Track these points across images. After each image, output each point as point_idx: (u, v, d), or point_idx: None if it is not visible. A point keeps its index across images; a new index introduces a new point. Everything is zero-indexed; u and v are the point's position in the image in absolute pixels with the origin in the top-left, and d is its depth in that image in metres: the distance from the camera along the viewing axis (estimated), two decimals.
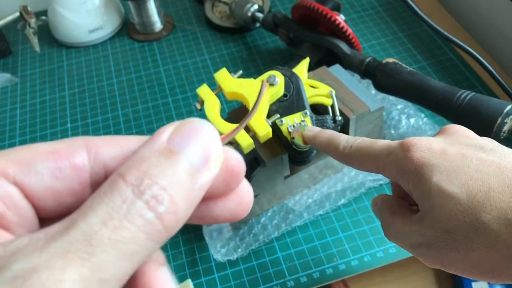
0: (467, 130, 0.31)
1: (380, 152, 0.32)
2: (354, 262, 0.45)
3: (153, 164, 0.15)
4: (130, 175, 0.15)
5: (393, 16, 0.70)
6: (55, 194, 0.16)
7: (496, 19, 0.65)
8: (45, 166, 0.16)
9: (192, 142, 0.16)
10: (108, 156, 0.17)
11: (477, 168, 0.27)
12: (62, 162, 0.16)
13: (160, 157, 0.15)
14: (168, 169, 0.15)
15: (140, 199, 0.14)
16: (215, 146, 0.16)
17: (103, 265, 0.13)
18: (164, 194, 0.15)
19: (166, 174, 0.15)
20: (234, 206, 0.18)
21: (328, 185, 0.49)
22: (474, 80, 0.60)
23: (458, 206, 0.27)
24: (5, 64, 0.71)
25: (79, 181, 0.16)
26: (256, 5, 0.67)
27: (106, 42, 0.72)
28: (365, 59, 0.54)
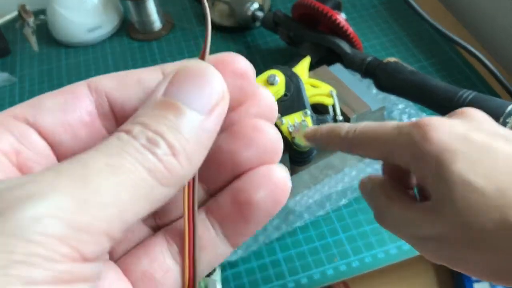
0: (486, 117, 0.28)
1: (389, 133, 0.28)
2: (355, 263, 0.45)
3: (148, 115, 0.15)
4: (124, 126, 0.15)
5: (394, 15, 0.70)
6: (67, 127, 0.16)
7: (497, 18, 0.65)
8: (52, 102, 0.16)
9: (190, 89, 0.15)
10: (108, 87, 0.17)
11: (507, 162, 0.25)
12: (67, 96, 0.17)
13: (155, 110, 0.15)
14: (163, 117, 0.15)
15: (137, 140, 0.14)
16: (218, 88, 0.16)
17: (102, 190, 0.13)
18: (158, 138, 0.14)
19: (160, 122, 0.15)
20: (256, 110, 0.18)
21: (328, 185, 0.49)
22: (476, 80, 0.59)
23: (484, 200, 0.24)
24: (4, 63, 0.71)
25: (87, 111, 0.17)
26: (256, 4, 0.67)
27: (105, 41, 0.72)
28: (366, 58, 0.54)
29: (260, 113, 0.18)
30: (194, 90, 0.15)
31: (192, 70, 0.16)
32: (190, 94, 0.15)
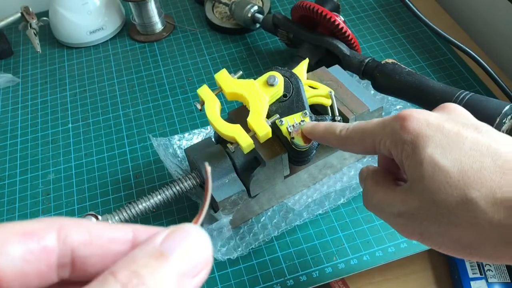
0: (464, 110, 0.31)
1: (376, 126, 0.32)
2: (354, 261, 0.45)
3: (142, 265, 0.16)
4: (121, 274, 0.15)
5: (392, 17, 0.70)
6: (23, 276, 0.16)
7: (494, 20, 0.65)
8: (17, 248, 0.16)
9: (182, 247, 0.17)
10: (77, 240, 0.17)
11: (472, 146, 0.28)
12: (33, 244, 0.16)
13: (150, 258, 0.16)
14: (156, 270, 0.16)
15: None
16: (204, 254, 0.17)
17: None
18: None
19: (153, 275, 0.16)
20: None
21: (327, 184, 0.50)
22: (473, 81, 0.60)
23: (448, 180, 0.27)
24: (7, 64, 0.72)
25: (47, 264, 0.17)
26: (256, 6, 0.67)
27: (107, 42, 0.73)
28: (364, 59, 0.54)
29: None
30: (189, 252, 0.17)
31: (191, 233, 0.17)
32: (183, 254, 0.16)
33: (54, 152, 0.59)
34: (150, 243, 0.17)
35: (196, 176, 0.45)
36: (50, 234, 0.17)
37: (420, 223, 0.29)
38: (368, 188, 0.33)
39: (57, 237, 0.17)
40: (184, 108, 0.62)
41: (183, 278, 0.16)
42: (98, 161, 0.57)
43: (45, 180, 0.56)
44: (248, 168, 0.45)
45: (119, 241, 0.18)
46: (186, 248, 0.17)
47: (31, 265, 0.16)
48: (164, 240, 0.17)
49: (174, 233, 0.17)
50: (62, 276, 0.18)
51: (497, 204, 0.26)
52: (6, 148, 0.60)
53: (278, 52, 0.68)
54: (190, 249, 0.17)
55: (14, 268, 0.16)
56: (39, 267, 0.17)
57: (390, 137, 0.30)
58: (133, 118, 0.61)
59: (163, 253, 0.16)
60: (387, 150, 0.31)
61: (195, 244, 0.17)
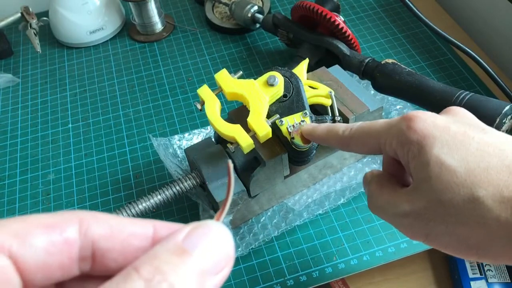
0: (469, 113, 0.32)
1: (382, 127, 0.32)
2: (354, 261, 0.45)
3: (165, 261, 0.16)
4: (144, 269, 0.15)
5: (392, 17, 0.70)
6: (45, 267, 0.16)
7: (494, 20, 0.65)
8: (40, 240, 0.16)
9: (205, 245, 0.17)
10: (98, 234, 0.17)
11: (478, 147, 0.28)
12: (56, 236, 0.17)
13: (173, 255, 0.16)
14: (179, 267, 0.16)
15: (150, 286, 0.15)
16: (226, 251, 0.17)
17: None
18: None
19: (176, 272, 0.16)
20: None
21: (327, 184, 0.50)
22: (473, 81, 0.60)
23: (455, 179, 0.27)
24: (7, 64, 0.72)
25: (69, 256, 0.17)
26: (256, 6, 0.67)
27: (107, 42, 0.73)
28: (364, 59, 0.54)
29: None
30: (211, 249, 0.17)
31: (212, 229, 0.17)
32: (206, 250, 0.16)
33: (54, 152, 0.59)
34: (172, 239, 0.17)
35: (196, 176, 0.45)
36: (72, 227, 0.17)
37: (426, 223, 0.29)
38: (373, 190, 0.33)
39: (78, 229, 0.17)
40: (184, 108, 0.62)
41: (205, 275, 0.16)
42: (98, 161, 0.57)
43: (45, 180, 0.56)
44: (248, 168, 0.45)
45: (140, 236, 0.18)
46: (208, 245, 0.17)
47: (54, 257, 0.17)
48: (186, 236, 0.17)
49: (196, 229, 0.17)
50: (83, 269, 0.18)
51: (504, 202, 0.26)
52: (6, 148, 0.60)
53: (278, 52, 0.68)
54: (212, 246, 0.17)
55: (37, 259, 0.16)
56: (61, 259, 0.17)
57: (396, 138, 0.30)
58: (133, 118, 0.61)
59: (185, 250, 0.16)
60: (393, 151, 0.31)
61: (217, 241, 0.17)
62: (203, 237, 0.17)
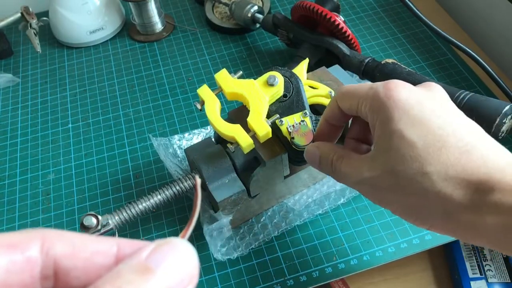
0: (444, 92, 0.33)
1: (364, 88, 0.34)
2: (353, 261, 0.45)
3: (127, 280, 0.16)
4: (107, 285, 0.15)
5: (392, 17, 0.70)
6: (6, 286, 0.16)
7: (494, 20, 0.65)
8: (0, 259, 0.16)
9: (168, 262, 0.16)
10: (60, 252, 0.17)
11: (440, 126, 0.30)
12: (17, 255, 0.17)
13: (135, 274, 0.16)
14: (141, 286, 0.15)
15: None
16: (190, 269, 0.17)
17: None
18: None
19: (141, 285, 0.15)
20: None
21: (327, 184, 0.50)
22: (473, 81, 0.60)
23: (411, 153, 0.29)
24: (7, 64, 0.72)
25: (31, 275, 0.17)
26: (256, 6, 0.67)
27: (107, 42, 0.73)
28: (364, 59, 0.54)
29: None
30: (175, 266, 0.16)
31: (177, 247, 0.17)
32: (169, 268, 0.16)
33: (54, 152, 0.59)
34: (136, 257, 0.17)
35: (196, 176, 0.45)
36: (34, 246, 0.17)
37: (379, 191, 0.32)
38: (335, 161, 0.35)
39: (40, 248, 0.17)
40: (184, 108, 0.62)
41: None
42: (98, 161, 0.57)
43: (45, 180, 0.56)
44: (248, 168, 0.45)
45: (103, 254, 0.18)
46: (172, 262, 0.17)
47: (15, 276, 0.16)
48: (149, 254, 0.17)
49: (160, 247, 0.17)
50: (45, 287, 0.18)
51: (447, 180, 0.28)
52: (6, 148, 0.60)
53: (278, 52, 0.68)
54: (176, 264, 0.17)
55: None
56: (22, 278, 0.17)
57: (371, 101, 0.32)
58: (133, 118, 0.61)
59: (148, 268, 0.16)
60: (365, 113, 0.33)
61: (181, 258, 0.17)
62: (167, 255, 0.17)
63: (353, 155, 0.34)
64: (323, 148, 0.37)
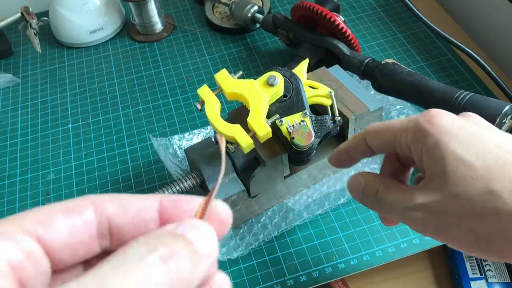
0: (481, 118, 0.33)
1: (400, 121, 0.33)
2: (354, 261, 0.45)
3: (162, 235, 0.18)
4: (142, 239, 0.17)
5: (392, 17, 0.70)
6: (69, 247, 0.19)
7: (494, 20, 0.65)
8: (61, 223, 0.18)
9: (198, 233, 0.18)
10: (111, 212, 0.19)
11: (495, 145, 0.29)
12: (75, 218, 0.19)
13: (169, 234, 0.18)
14: (176, 241, 0.18)
15: (151, 254, 0.17)
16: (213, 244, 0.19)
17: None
18: (170, 257, 0.17)
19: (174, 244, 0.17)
20: None
21: (327, 184, 0.50)
22: (473, 81, 0.60)
23: (471, 173, 0.28)
24: (7, 64, 0.72)
25: (89, 235, 0.19)
26: (256, 6, 0.67)
27: (107, 42, 0.73)
28: (364, 59, 0.54)
29: None
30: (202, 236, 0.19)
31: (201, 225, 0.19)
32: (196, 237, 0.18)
33: (54, 152, 0.59)
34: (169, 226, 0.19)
35: (196, 176, 0.45)
36: (88, 209, 0.19)
37: (438, 216, 0.29)
38: (382, 189, 0.33)
39: (94, 211, 0.19)
40: (184, 108, 0.62)
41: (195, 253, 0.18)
42: (98, 161, 0.57)
43: (45, 180, 0.56)
44: (248, 168, 0.45)
45: (148, 209, 0.20)
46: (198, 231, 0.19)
47: (75, 237, 0.19)
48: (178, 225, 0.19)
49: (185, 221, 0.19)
50: (103, 246, 0.20)
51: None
52: (6, 148, 0.60)
53: (278, 52, 0.68)
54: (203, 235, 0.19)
55: (62, 240, 0.18)
56: (82, 238, 0.19)
57: (413, 132, 0.31)
58: (133, 118, 0.61)
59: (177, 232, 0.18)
60: (406, 145, 0.32)
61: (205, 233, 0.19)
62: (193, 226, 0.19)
63: (401, 184, 0.33)
64: (368, 177, 0.35)
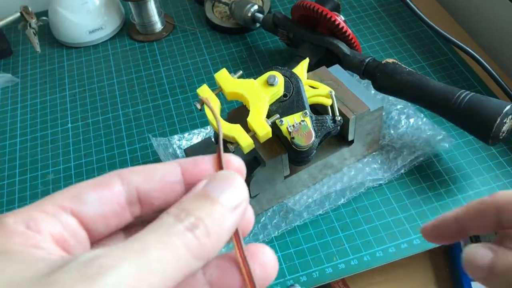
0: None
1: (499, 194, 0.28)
2: (354, 262, 0.45)
3: (190, 202, 0.19)
4: (173, 211, 0.19)
5: (392, 16, 0.70)
6: (102, 217, 0.20)
7: (495, 20, 0.65)
8: (92, 197, 0.20)
9: (224, 187, 0.20)
10: (137, 181, 0.21)
11: None
12: (104, 191, 0.20)
13: (196, 198, 0.19)
14: (203, 206, 0.19)
15: (181, 223, 0.18)
16: (242, 191, 0.20)
17: (154, 263, 0.17)
18: (198, 222, 0.18)
19: (201, 209, 0.19)
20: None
21: (327, 184, 0.50)
22: (473, 80, 0.60)
23: None
24: (6, 64, 0.71)
25: (119, 204, 0.21)
26: (256, 5, 0.67)
27: (106, 42, 0.72)
28: (364, 59, 0.54)
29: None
30: (226, 190, 0.20)
31: (227, 176, 0.21)
32: (223, 193, 0.20)
33: (53, 152, 0.59)
34: (195, 188, 0.20)
35: None
36: (115, 182, 0.21)
37: None
38: None
39: (121, 183, 0.21)
40: (184, 108, 0.61)
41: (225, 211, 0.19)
42: (97, 161, 0.57)
43: (45, 180, 0.56)
44: (248, 168, 0.45)
45: (171, 173, 0.21)
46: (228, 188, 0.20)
47: (107, 207, 0.20)
48: (207, 184, 0.20)
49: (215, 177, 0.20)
50: (135, 214, 0.21)
51: None
52: (5, 148, 0.60)
53: (278, 51, 0.67)
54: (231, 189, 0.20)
55: (95, 212, 0.20)
56: (113, 208, 0.20)
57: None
58: (132, 118, 0.61)
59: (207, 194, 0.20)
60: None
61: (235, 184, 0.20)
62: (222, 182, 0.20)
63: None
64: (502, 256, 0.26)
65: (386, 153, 0.52)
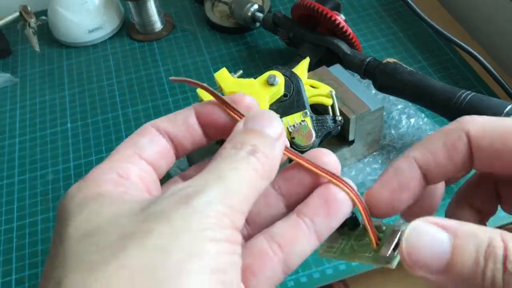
0: None
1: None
2: (354, 262, 0.45)
3: (241, 136, 0.22)
4: (228, 145, 0.22)
5: (393, 16, 0.70)
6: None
7: (496, 19, 0.65)
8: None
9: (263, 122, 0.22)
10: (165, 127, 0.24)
11: None
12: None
13: (245, 133, 0.22)
14: (253, 137, 0.22)
15: (242, 151, 0.21)
16: (278, 122, 0.23)
17: (233, 185, 0.20)
18: (255, 148, 0.21)
19: (252, 139, 0.22)
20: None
21: None
22: (474, 80, 0.60)
23: None
24: (5, 64, 0.71)
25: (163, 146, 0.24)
26: (256, 5, 0.67)
27: (106, 42, 0.72)
28: (365, 59, 0.54)
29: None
30: (267, 123, 0.22)
31: (261, 113, 0.23)
32: (265, 125, 0.22)
33: (52, 152, 0.58)
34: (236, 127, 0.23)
35: None
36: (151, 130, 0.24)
37: None
38: None
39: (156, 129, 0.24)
40: (183, 108, 0.61)
41: (276, 142, 0.22)
42: (97, 161, 0.57)
43: (44, 180, 0.55)
44: None
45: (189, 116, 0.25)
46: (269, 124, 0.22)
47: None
48: (253, 122, 0.23)
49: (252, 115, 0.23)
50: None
51: None
52: (5, 148, 0.60)
53: (279, 51, 0.67)
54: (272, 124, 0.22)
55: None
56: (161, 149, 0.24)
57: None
58: (132, 118, 0.61)
59: (258, 130, 0.22)
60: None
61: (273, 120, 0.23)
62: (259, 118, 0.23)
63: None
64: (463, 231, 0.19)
65: (386, 153, 0.52)
